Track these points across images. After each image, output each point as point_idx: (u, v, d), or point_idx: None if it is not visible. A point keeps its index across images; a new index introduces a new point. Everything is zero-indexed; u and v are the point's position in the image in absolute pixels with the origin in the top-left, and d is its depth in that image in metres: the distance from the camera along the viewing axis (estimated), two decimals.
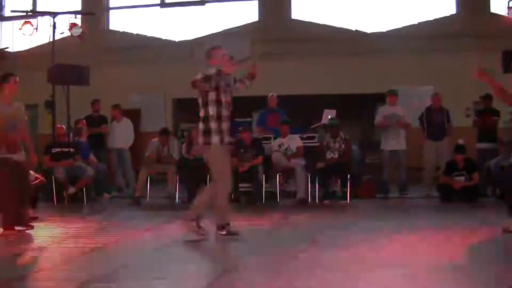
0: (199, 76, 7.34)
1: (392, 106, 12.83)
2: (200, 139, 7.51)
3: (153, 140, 12.67)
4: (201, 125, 7.48)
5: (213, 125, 7.37)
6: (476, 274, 5.42)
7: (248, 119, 14.29)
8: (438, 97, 13.06)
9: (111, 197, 13.15)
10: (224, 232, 7.32)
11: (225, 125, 7.44)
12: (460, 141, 12.02)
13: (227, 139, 7.48)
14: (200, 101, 7.47)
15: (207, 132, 7.41)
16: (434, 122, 12.84)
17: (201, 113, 7.47)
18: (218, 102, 7.39)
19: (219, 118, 7.39)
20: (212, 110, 7.37)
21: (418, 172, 13.29)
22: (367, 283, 5.15)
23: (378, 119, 12.92)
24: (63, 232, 8.26)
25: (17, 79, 8.23)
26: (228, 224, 7.41)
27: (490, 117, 12.74)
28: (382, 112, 12.91)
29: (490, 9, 17.62)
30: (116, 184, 13.99)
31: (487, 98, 12.75)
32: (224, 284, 5.21)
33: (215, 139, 7.37)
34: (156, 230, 8.61)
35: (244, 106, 14.81)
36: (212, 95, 7.35)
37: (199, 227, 7.38)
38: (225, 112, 7.46)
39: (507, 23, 13.62)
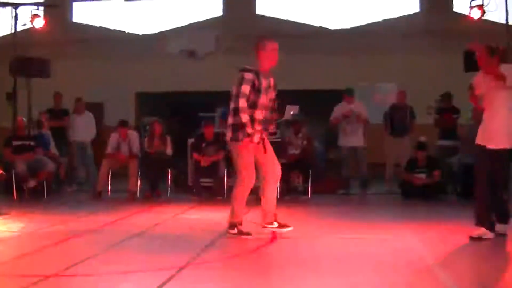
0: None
1: (349, 104, 12.79)
2: (228, 134, 7.06)
3: (113, 134, 12.54)
4: (230, 118, 7.02)
5: (243, 119, 6.88)
6: (436, 273, 5.48)
7: (212, 113, 14.25)
8: (403, 94, 13.19)
9: (72, 191, 13.08)
10: (235, 231, 7.10)
11: (258, 124, 7.00)
12: (422, 138, 12.14)
13: (258, 137, 7.03)
14: (233, 91, 7.04)
15: (235, 127, 6.98)
16: (398, 119, 12.94)
17: (232, 105, 7.02)
18: (252, 97, 6.98)
19: (251, 113, 6.95)
20: (242, 103, 6.90)
21: (379, 168, 13.37)
22: (330, 280, 5.18)
23: (334, 115, 12.85)
24: (22, 226, 8.15)
25: None
26: (241, 223, 7.20)
27: (450, 115, 12.89)
28: (338, 109, 12.84)
29: (453, 8, 17.84)
30: (77, 178, 13.88)
31: (448, 96, 12.94)
32: (186, 277, 5.20)
33: (243, 134, 6.92)
34: (118, 223, 8.55)
35: (207, 101, 14.82)
36: (245, 88, 6.94)
37: (280, 224, 7.47)
38: (259, 115, 7.03)
39: (470, 22, 13.74)
